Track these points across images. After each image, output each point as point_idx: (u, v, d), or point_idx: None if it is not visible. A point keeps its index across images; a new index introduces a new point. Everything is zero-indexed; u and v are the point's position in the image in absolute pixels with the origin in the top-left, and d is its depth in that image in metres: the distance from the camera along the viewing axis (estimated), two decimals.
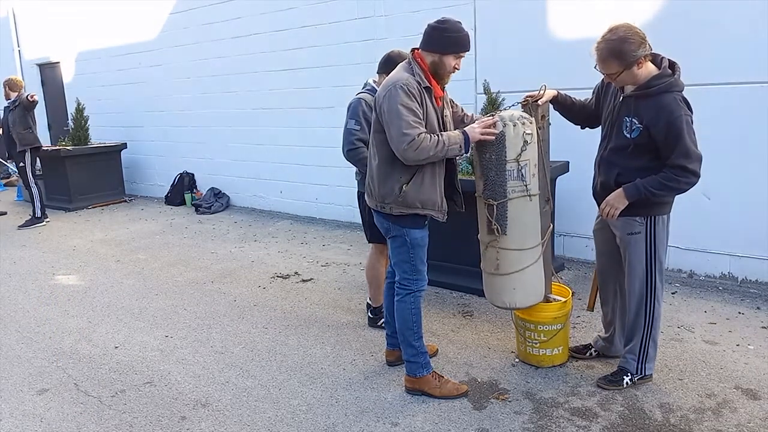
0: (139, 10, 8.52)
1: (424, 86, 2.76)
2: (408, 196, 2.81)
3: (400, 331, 3.04)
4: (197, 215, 7.82)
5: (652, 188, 2.67)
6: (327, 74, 6.53)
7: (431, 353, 3.35)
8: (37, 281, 5.31)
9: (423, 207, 2.85)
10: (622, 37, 2.60)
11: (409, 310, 2.99)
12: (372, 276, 3.85)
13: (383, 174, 2.85)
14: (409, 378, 3.07)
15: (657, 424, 2.71)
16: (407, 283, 2.98)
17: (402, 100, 2.68)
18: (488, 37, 5.20)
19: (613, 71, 2.66)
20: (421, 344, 3.04)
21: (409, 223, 2.88)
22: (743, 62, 4.06)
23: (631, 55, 2.59)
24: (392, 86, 2.72)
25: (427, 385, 3.02)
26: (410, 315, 3.00)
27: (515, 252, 2.94)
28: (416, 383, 3.05)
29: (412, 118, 2.68)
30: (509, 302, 3.04)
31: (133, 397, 3.20)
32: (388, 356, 3.40)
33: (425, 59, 2.80)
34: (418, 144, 2.66)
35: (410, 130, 2.66)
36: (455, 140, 2.75)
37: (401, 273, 2.99)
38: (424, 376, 3.03)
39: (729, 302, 4.09)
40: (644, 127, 2.66)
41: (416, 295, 2.99)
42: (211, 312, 4.37)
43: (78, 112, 8.77)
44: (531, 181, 2.88)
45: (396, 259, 3.00)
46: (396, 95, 2.69)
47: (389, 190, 2.84)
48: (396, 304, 3.03)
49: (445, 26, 2.76)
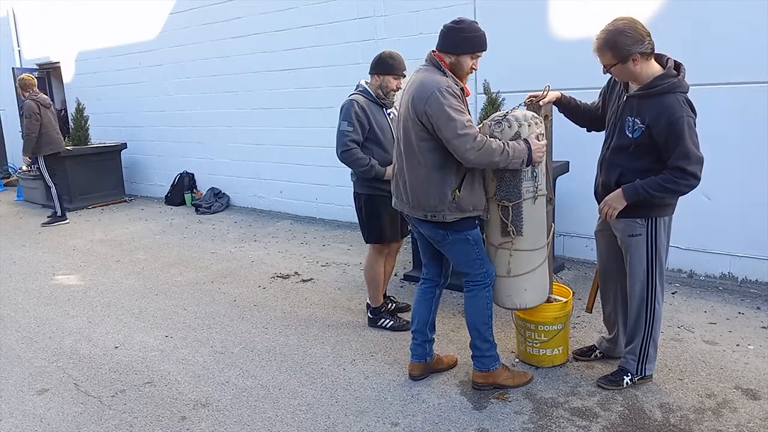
0: (139, 10, 8.52)
1: (460, 87, 2.76)
2: (462, 201, 2.80)
3: (474, 327, 2.99)
4: (197, 215, 7.82)
5: (650, 189, 2.66)
6: (327, 74, 6.53)
7: (451, 364, 3.32)
8: (37, 281, 5.31)
9: (474, 209, 2.85)
10: (619, 29, 2.60)
11: (485, 304, 2.96)
12: (371, 276, 3.85)
13: (433, 182, 2.79)
14: (481, 373, 3.03)
15: (657, 424, 2.71)
16: (481, 278, 2.94)
17: (449, 102, 2.64)
18: (488, 37, 5.17)
19: (606, 62, 2.67)
20: (493, 337, 3.02)
21: (465, 225, 2.86)
22: (743, 62, 4.06)
23: (625, 48, 2.58)
24: (434, 90, 2.67)
25: (501, 377, 3.02)
26: (486, 309, 2.96)
27: (528, 252, 2.93)
28: (489, 377, 3.03)
29: (465, 117, 2.66)
30: (520, 303, 3.02)
31: (133, 397, 3.20)
32: (413, 369, 3.21)
33: (445, 60, 2.78)
34: (482, 145, 2.63)
35: (468, 130, 2.63)
36: (520, 154, 2.70)
37: (472, 271, 2.95)
38: (497, 369, 3.03)
39: (729, 302, 4.09)
40: (646, 127, 2.65)
41: (490, 289, 2.97)
42: (211, 312, 4.37)
43: (78, 112, 8.77)
44: (542, 181, 2.89)
45: (463, 261, 2.95)
46: (441, 98, 2.65)
47: (442, 197, 2.79)
48: (469, 301, 2.99)
49: (461, 26, 2.75)
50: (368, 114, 3.58)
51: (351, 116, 3.53)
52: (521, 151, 2.70)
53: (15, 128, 10.79)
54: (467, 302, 3.01)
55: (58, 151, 7.71)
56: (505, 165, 2.70)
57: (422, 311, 3.17)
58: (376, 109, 3.64)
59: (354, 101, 3.57)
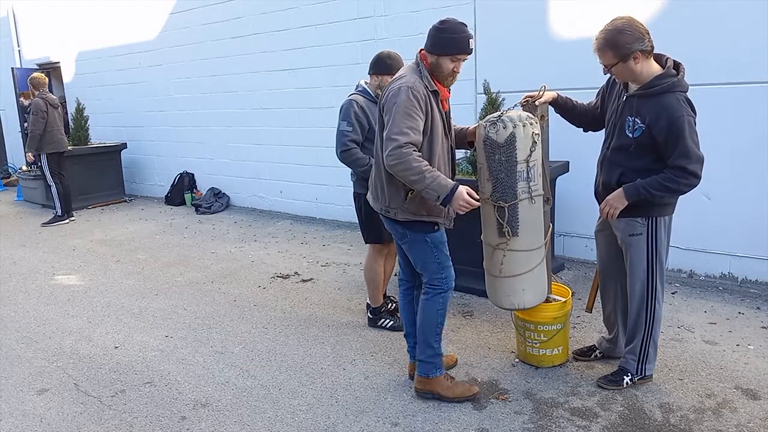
0: (139, 10, 8.52)
1: (431, 90, 2.70)
2: (414, 204, 2.75)
3: (422, 330, 2.94)
4: (197, 215, 7.82)
5: (651, 189, 2.66)
6: (327, 74, 6.53)
7: (451, 363, 3.30)
8: (37, 281, 5.31)
9: (429, 215, 2.78)
10: (619, 28, 2.61)
11: (436, 310, 2.90)
12: (370, 277, 3.85)
13: (389, 178, 2.75)
14: (422, 379, 2.99)
15: (657, 424, 2.71)
16: (438, 283, 2.89)
17: (403, 103, 2.60)
18: (488, 37, 5.20)
19: (607, 62, 2.67)
20: (439, 345, 2.98)
21: (424, 228, 2.81)
22: (743, 62, 4.06)
23: (626, 47, 2.59)
24: (398, 87, 2.66)
25: (440, 386, 2.97)
26: (437, 315, 2.91)
27: (524, 253, 2.92)
28: (428, 384, 2.98)
29: (408, 123, 2.59)
30: (518, 303, 3.00)
31: (133, 397, 3.20)
32: (412, 370, 3.20)
33: (427, 60, 2.75)
34: (404, 157, 2.54)
35: (400, 136, 2.56)
36: (439, 189, 2.56)
37: (429, 274, 2.90)
38: (437, 377, 2.97)
39: (729, 302, 4.09)
40: (646, 127, 2.65)
41: (446, 295, 2.91)
42: (211, 312, 4.37)
43: (78, 112, 8.77)
44: (538, 181, 2.88)
45: (421, 263, 2.90)
46: (399, 96, 2.62)
47: (394, 195, 2.77)
48: (423, 303, 2.93)
49: (444, 27, 2.68)
50: (368, 114, 3.59)
51: (350, 116, 3.54)
52: (442, 187, 2.56)
53: (15, 128, 10.79)
54: (421, 304, 2.95)
55: (62, 151, 7.71)
56: (419, 189, 2.60)
57: (406, 314, 3.17)
58: (375, 109, 3.64)
59: (353, 101, 3.58)
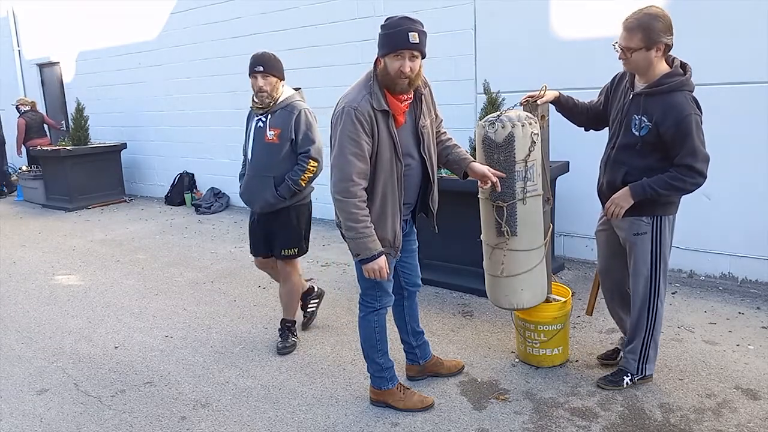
0: (139, 10, 8.52)
1: (380, 110, 2.50)
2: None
3: (363, 348, 2.92)
4: (197, 215, 7.82)
5: (657, 187, 2.65)
6: (327, 74, 6.53)
7: (456, 369, 3.24)
8: (37, 281, 5.31)
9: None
10: (654, 14, 2.58)
11: (372, 328, 2.85)
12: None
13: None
14: (374, 390, 2.97)
15: (657, 424, 2.71)
16: (371, 300, 2.82)
17: (348, 128, 2.45)
18: (488, 37, 5.20)
19: (633, 45, 2.60)
20: (385, 360, 2.91)
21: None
22: (744, 62, 4.06)
23: (657, 33, 2.55)
24: (341, 109, 2.50)
25: (391, 397, 2.93)
26: (374, 333, 2.85)
27: (524, 252, 2.91)
28: (380, 395, 2.95)
29: (352, 149, 2.45)
30: (517, 303, 3.00)
31: (133, 397, 3.20)
32: (408, 370, 3.22)
33: (380, 66, 2.56)
34: (349, 196, 2.46)
35: (347, 167, 2.45)
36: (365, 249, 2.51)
37: (365, 291, 2.82)
38: (389, 389, 2.94)
39: (729, 302, 4.09)
40: (653, 125, 2.64)
41: (380, 313, 2.84)
42: (210, 312, 4.37)
43: (78, 112, 8.77)
44: (537, 181, 2.88)
45: (360, 278, 2.77)
46: (343, 119, 2.47)
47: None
48: (359, 320, 2.89)
49: (384, 24, 2.46)
50: None
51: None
52: (360, 243, 2.51)
53: (14, 129, 10.78)
54: (358, 322, 2.90)
55: None
56: (347, 235, 2.55)
57: (398, 323, 3.15)
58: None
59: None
